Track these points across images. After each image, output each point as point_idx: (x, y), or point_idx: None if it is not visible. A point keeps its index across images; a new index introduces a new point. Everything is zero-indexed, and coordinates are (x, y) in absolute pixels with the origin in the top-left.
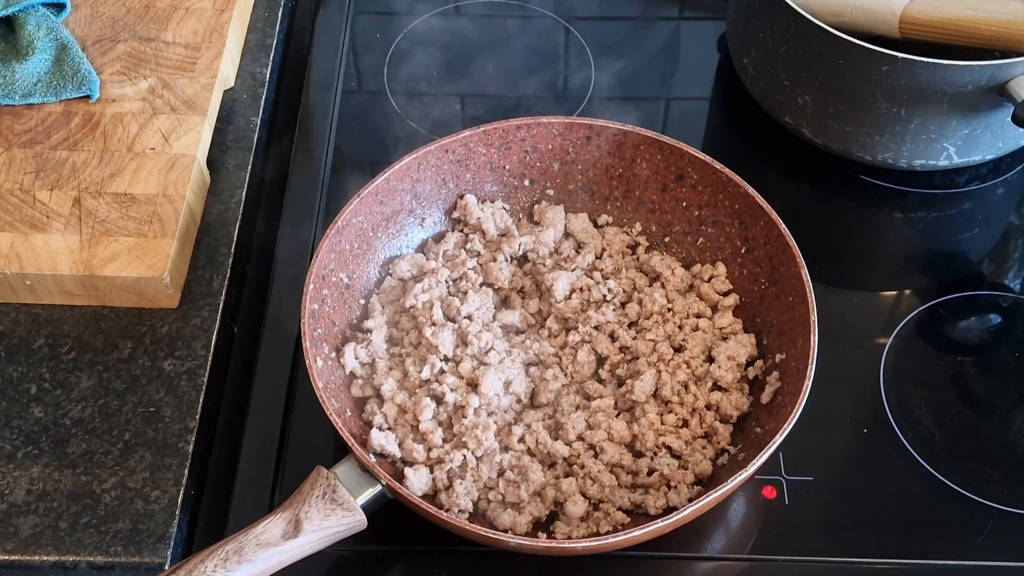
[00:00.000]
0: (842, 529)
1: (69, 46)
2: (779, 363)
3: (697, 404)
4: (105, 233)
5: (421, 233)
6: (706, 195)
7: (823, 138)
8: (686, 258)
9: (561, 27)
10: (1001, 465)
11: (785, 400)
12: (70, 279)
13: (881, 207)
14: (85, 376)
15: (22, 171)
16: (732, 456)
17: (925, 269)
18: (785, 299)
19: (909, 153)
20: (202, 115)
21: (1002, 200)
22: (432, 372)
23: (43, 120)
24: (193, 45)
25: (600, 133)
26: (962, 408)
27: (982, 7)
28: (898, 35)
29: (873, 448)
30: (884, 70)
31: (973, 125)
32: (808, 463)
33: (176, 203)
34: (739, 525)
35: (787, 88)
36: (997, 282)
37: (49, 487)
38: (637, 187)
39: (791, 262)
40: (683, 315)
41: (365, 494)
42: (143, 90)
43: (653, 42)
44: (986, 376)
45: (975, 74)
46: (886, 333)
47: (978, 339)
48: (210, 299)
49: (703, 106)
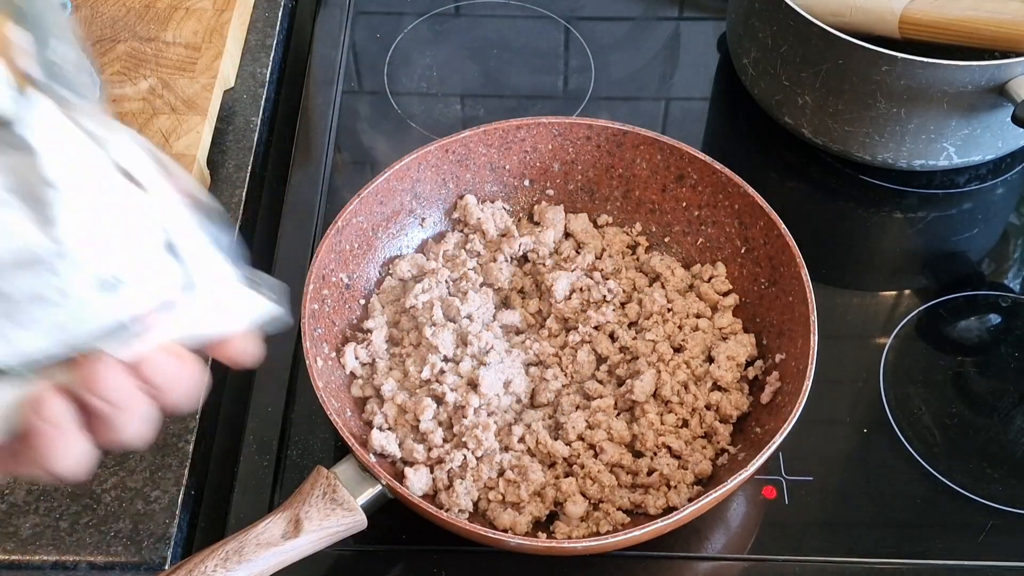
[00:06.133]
0: (842, 529)
1: None
2: (779, 363)
3: (697, 404)
4: None
5: (421, 233)
6: (706, 195)
7: (823, 138)
8: (686, 258)
9: (561, 27)
10: (1001, 465)
11: (785, 400)
12: None
13: (881, 207)
14: None
15: None
16: (732, 456)
17: (925, 269)
18: (785, 299)
19: (909, 153)
20: (202, 115)
21: (1002, 200)
22: (432, 372)
23: None
24: (193, 45)
25: (600, 133)
26: (962, 408)
27: (981, 7)
28: (898, 35)
29: (873, 448)
30: (884, 70)
31: (973, 125)
32: (808, 463)
33: None
34: (739, 525)
35: (787, 88)
36: (997, 282)
37: (49, 487)
38: (637, 187)
39: (791, 262)
40: (683, 315)
41: (365, 494)
42: (143, 90)
43: (653, 42)
44: (986, 376)
45: (975, 74)
46: (886, 333)
47: (978, 339)
48: None
49: (703, 106)
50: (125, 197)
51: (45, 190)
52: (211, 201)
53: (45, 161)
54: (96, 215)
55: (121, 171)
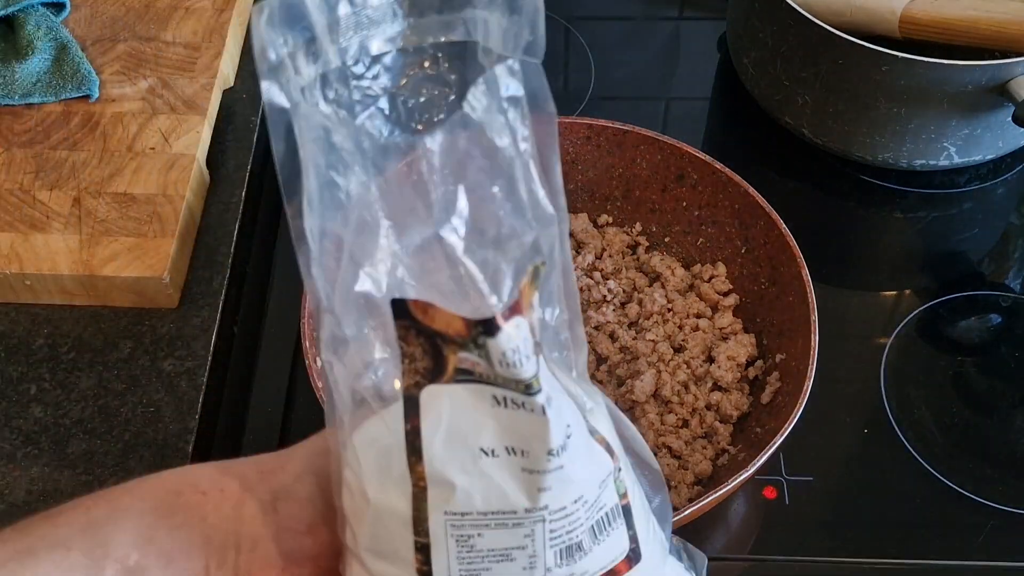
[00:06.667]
0: (843, 529)
1: (69, 46)
2: (779, 363)
3: (697, 404)
4: (105, 233)
5: None
6: (706, 195)
7: (823, 138)
8: (686, 258)
9: (561, 27)
10: (1001, 465)
11: (785, 400)
12: (70, 279)
13: (881, 207)
14: (85, 376)
15: (22, 171)
16: (732, 456)
17: (925, 269)
18: (785, 299)
19: (909, 153)
20: (202, 115)
21: (1002, 200)
22: None
23: (43, 120)
24: (193, 45)
25: (600, 133)
26: (962, 408)
27: (982, 7)
28: (898, 35)
29: (873, 448)
30: (884, 70)
31: (973, 125)
32: (808, 463)
33: (176, 203)
34: (739, 525)
35: (787, 88)
36: (997, 282)
37: (49, 487)
38: (637, 187)
39: (791, 262)
40: (683, 315)
41: None
42: (143, 90)
43: (653, 42)
44: (986, 376)
45: (975, 74)
46: (886, 333)
47: (978, 339)
48: (210, 299)
49: (703, 106)
50: (600, 465)
51: (547, 459)
52: (654, 462)
53: (553, 430)
54: (579, 486)
55: (596, 437)
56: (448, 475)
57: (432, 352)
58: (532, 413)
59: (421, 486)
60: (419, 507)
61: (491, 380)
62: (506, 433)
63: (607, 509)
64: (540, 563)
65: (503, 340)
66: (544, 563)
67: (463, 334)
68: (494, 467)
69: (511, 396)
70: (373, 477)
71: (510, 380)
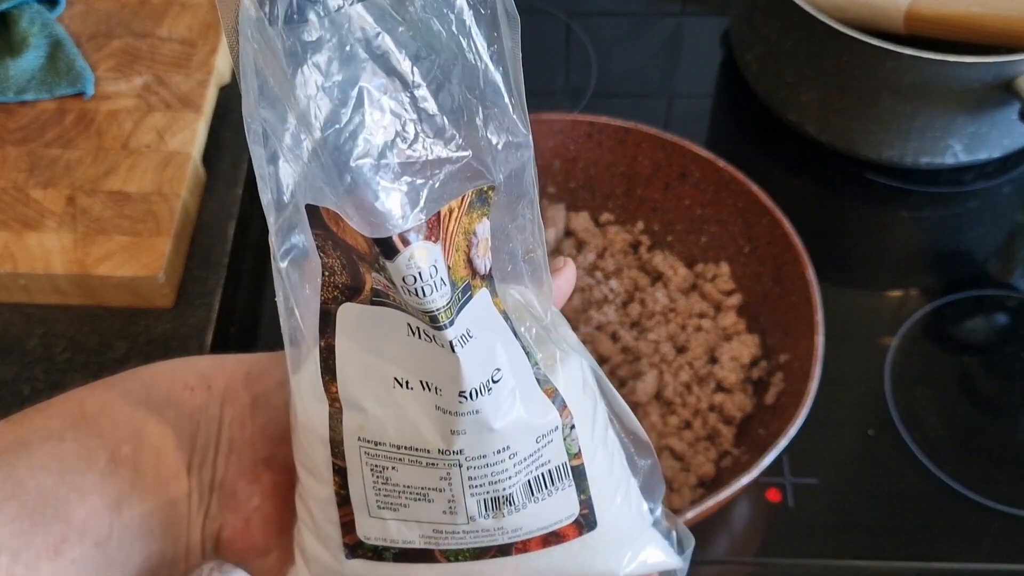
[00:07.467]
0: (847, 531)
1: (63, 42)
2: (783, 363)
3: (700, 405)
4: (99, 232)
5: None
6: (709, 193)
7: (827, 136)
8: (689, 257)
9: (562, 23)
10: (1008, 466)
11: (789, 401)
12: (64, 278)
13: (886, 206)
14: (79, 377)
15: (15, 169)
16: (735, 458)
17: (930, 268)
18: (789, 299)
19: (914, 151)
20: (198, 112)
21: (1008, 199)
22: None
23: (37, 117)
24: (188, 41)
25: (602, 130)
26: (968, 409)
27: (988, 3)
28: (903, 31)
29: (878, 450)
30: (889, 67)
31: (979, 122)
32: (812, 465)
33: (171, 201)
34: (743, 528)
35: (791, 85)
36: (1003, 281)
37: None
38: (639, 185)
39: (795, 261)
40: (686, 315)
41: None
42: (138, 87)
43: (655, 38)
44: (992, 376)
45: (981, 71)
46: (891, 333)
47: (984, 339)
48: (206, 299)
49: (706, 103)
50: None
51: (459, 401)
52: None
53: (465, 370)
54: (504, 436)
55: (544, 387)
56: (360, 400)
57: (349, 268)
58: (443, 349)
59: (336, 407)
60: (335, 428)
61: (405, 307)
62: (419, 366)
63: (550, 467)
64: (461, 509)
65: (402, 264)
66: (466, 510)
67: (368, 252)
68: (408, 399)
69: (422, 327)
70: (304, 392)
71: (417, 309)
